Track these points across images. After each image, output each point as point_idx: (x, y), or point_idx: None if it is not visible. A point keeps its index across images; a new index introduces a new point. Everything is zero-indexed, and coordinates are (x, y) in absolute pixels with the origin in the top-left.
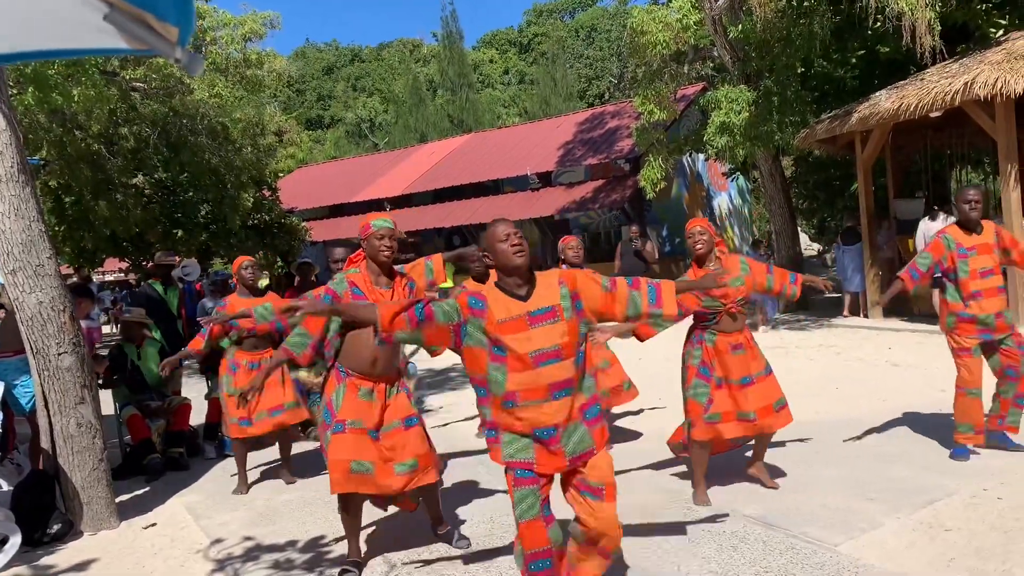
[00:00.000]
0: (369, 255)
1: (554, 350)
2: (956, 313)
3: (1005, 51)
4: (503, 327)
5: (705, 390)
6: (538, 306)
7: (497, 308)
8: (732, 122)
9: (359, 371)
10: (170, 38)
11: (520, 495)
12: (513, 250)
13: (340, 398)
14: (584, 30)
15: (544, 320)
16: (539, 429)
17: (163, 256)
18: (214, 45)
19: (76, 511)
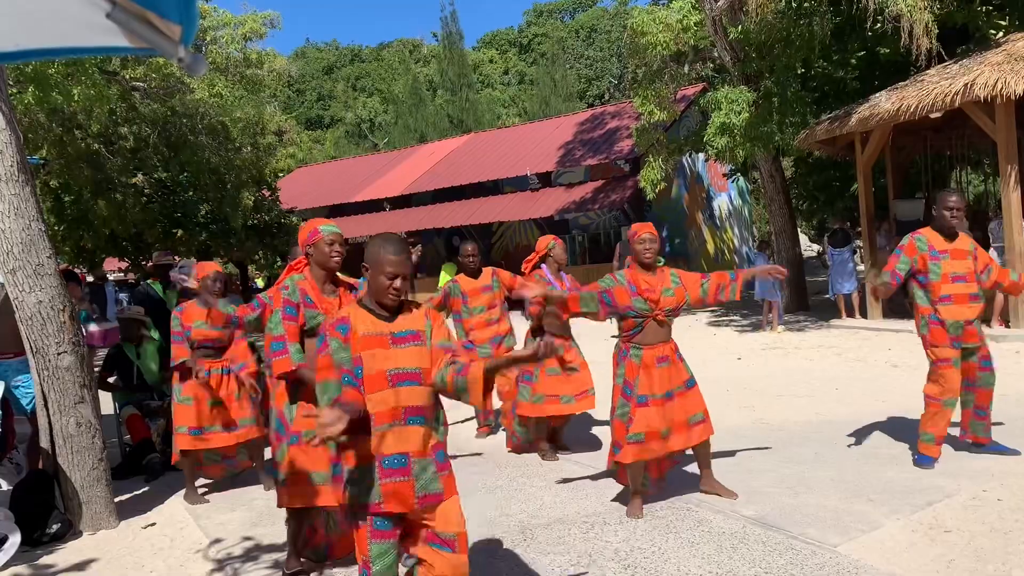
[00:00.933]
0: (318, 261)
1: (413, 372)
2: (925, 316)
3: (1005, 52)
4: (364, 342)
5: (626, 410)
6: (401, 328)
7: (360, 326)
8: (732, 123)
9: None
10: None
11: (379, 550)
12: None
13: (293, 411)
14: (584, 31)
15: (408, 342)
16: (388, 457)
17: (161, 256)
18: (214, 45)
19: (75, 511)
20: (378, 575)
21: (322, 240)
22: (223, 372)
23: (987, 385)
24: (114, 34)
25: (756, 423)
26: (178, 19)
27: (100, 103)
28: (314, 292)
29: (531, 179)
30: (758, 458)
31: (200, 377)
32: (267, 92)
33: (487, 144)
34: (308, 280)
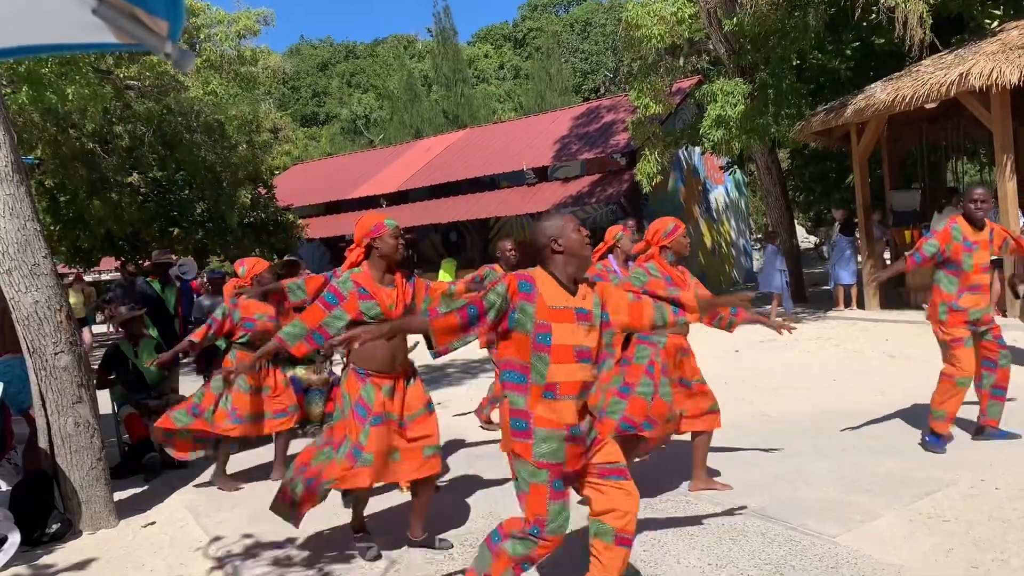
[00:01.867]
0: (384, 254)
1: (587, 350)
2: (947, 303)
3: (1000, 42)
4: (554, 314)
5: (649, 389)
6: (581, 305)
7: (548, 294)
8: (728, 115)
9: (378, 370)
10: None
11: (556, 509)
12: (585, 241)
13: (372, 394)
14: (579, 24)
15: (584, 320)
16: (573, 427)
17: (160, 254)
18: (208, 42)
19: (75, 510)
20: (555, 531)
21: (388, 233)
22: (269, 364)
23: (1007, 364)
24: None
25: (755, 416)
26: (165, 15)
27: (94, 102)
28: (371, 284)
29: (527, 174)
30: (756, 450)
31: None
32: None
33: (483, 139)
34: (365, 273)
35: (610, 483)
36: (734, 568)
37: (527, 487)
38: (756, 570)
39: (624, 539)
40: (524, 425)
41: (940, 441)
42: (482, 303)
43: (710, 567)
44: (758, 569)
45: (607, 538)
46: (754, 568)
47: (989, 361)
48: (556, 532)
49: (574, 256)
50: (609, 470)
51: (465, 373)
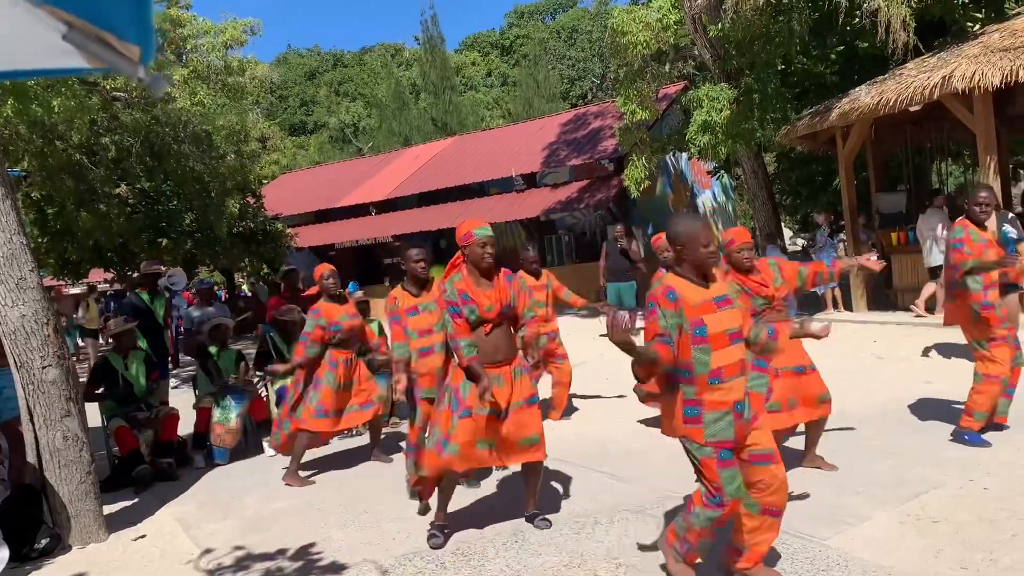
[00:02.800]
0: (472, 261)
1: (737, 331)
2: (979, 302)
3: (982, 44)
4: (699, 309)
5: (764, 380)
6: (717, 293)
7: (689, 295)
8: (714, 120)
9: (483, 361)
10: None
11: (728, 475)
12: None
13: (467, 388)
14: (565, 31)
15: (724, 305)
16: (739, 403)
17: (149, 265)
18: (195, 53)
19: (64, 525)
20: (732, 494)
21: (475, 242)
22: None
23: (1020, 363)
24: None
25: None
26: (136, 39)
27: (81, 114)
28: (471, 289)
29: (516, 180)
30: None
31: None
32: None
33: (471, 146)
34: (464, 279)
35: (764, 468)
36: None
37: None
38: None
39: (770, 510)
40: (696, 412)
41: (979, 438)
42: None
43: (702, 571)
44: None
45: (753, 509)
46: None
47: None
48: (734, 495)
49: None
50: (758, 455)
51: None
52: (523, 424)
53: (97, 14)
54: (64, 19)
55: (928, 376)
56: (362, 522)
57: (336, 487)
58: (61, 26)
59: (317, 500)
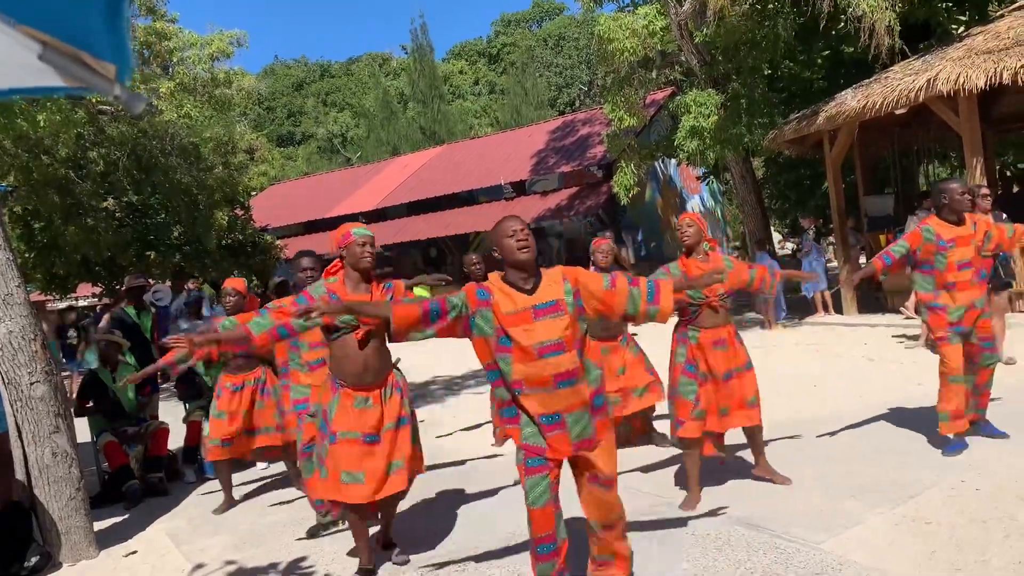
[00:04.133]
0: (350, 263)
1: (557, 343)
2: (926, 303)
3: (966, 47)
4: (509, 319)
5: (692, 387)
6: (542, 299)
7: (503, 301)
8: (701, 126)
9: (352, 382)
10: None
11: (532, 482)
12: (518, 245)
13: (333, 409)
14: (552, 39)
15: (548, 313)
16: (545, 416)
17: (133, 279)
18: (181, 65)
19: (54, 542)
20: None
21: (354, 242)
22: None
23: (989, 365)
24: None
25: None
26: (112, 58)
27: (67, 128)
28: (343, 292)
29: (505, 188)
30: (740, 458)
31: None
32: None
33: (460, 155)
34: (340, 282)
35: (593, 489)
36: None
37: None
38: None
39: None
40: (512, 413)
41: (957, 445)
42: (445, 302)
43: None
44: None
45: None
46: None
47: (973, 362)
48: (534, 504)
49: (508, 262)
50: (596, 479)
51: (447, 391)
52: (393, 448)
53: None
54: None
55: (919, 378)
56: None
57: None
58: (36, 46)
59: (310, 513)
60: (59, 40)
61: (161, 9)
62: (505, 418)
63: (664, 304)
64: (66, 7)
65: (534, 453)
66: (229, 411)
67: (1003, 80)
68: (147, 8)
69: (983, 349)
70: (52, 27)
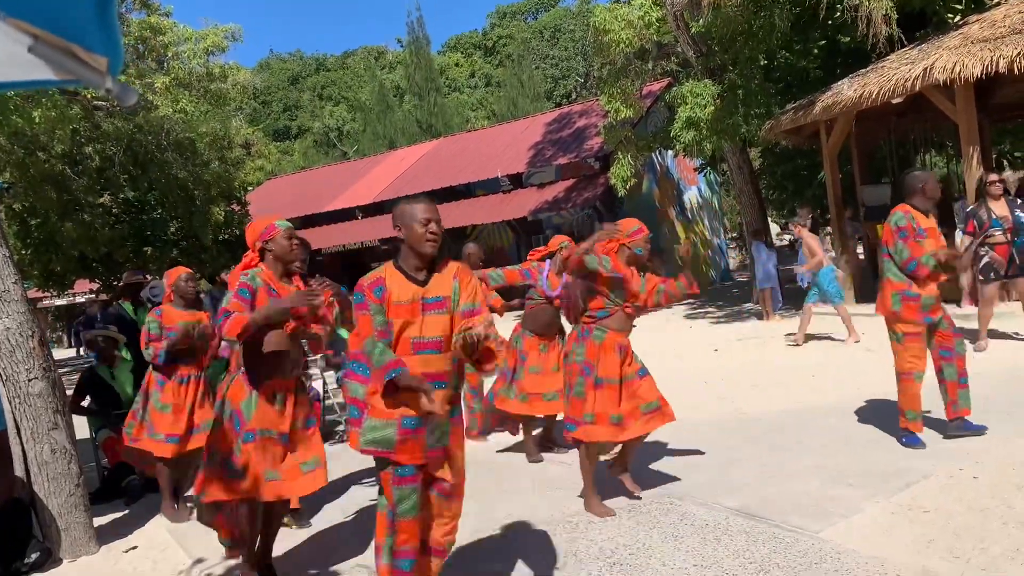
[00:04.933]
0: (278, 255)
1: (436, 340)
2: (902, 292)
3: (962, 35)
4: (398, 310)
5: (583, 389)
6: (433, 294)
7: (396, 289)
8: (698, 116)
9: (272, 375)
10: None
11: (402, 494)
12: (429, 237)
13: (251, 407)
14: (548, 31)
15: (435, 309)
16: (408, 418)
17: (131, 275)
18: (176, 60)
19: (54, 538)
20: (402, 514)
21: (280, 234)
22: (197, 377)
23: (963, 350)
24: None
25: (734, 414)
26: (103, 51)
27: (62, 124)
28: (275, 283)
29: (502, 181)
30: (738, 449)
31: None
32: (232, 105)
33: (457, 148)
34: (266, 272)
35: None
36: (719, 568)
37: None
38: (741, 569)
39: (437, 551)
40: (356, 414)
41: (918, 438)
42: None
43: (695, 568)
44: (743, 568)
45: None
46: (739, 567)
47: (947, 351)
48: (404, 516)
49: (412, 249)
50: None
51: None
52: (303, 448)
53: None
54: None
55: None
56: (354, 525)
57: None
58: (27, 39)
59: (309, 506)
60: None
61: (155, 3)
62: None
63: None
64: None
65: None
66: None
67: (999, 69)
68: (141, 2)
69: (955, 334)
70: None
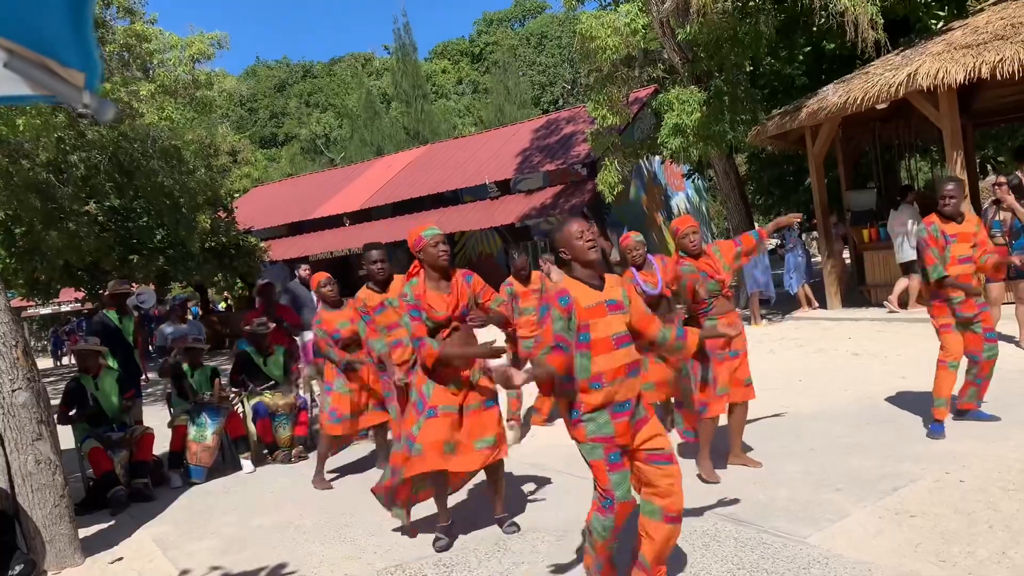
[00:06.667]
0: (428, 264)
1: (626, 335)
2: (931, 294)
3: (945, 42)
4: (589, 312)
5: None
6: (610, 297)
7: (582, 297)
8: (685, 123)
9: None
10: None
11: (618, 478)
12: (588, 246)
13: (431, 388)
14: (535, 37)
15: (616, 310)
16: (617, 404)
17: (118, 285)
18: (162, 67)
19: (39, 550)
20: (621, 497)
21: (428, 244)
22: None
23: (991, 357)
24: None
25: (722, 419)
26: (80, 66)
27: (47, 132)
28: (425, 293)
29: (490, 188)
30: (726, 454)
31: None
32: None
33: (444, 154)
34: (421, 284)
35: (653, 467)
36: (708, 574)
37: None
38: (729, 575)
39: (671, 517)
40: (576, 414)
41: (941, 428)
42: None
43: (684, 574)
44: (731, 574)
45: (655, 516)
46: (727, 573)
47: (972, 354)
48: (624, 498)
49: (579, 261)
50: (654, 455)
51: None
52: (478, 427)
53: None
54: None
55: (902, 371)
56: (342, 536)
57: (315, 502)
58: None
59: (296, 517)
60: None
61: (140, 11)
62: (573, 419)
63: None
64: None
65: (605, 442)
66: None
67: (982, 74)
68: (126, 10)
69: (986, 340)
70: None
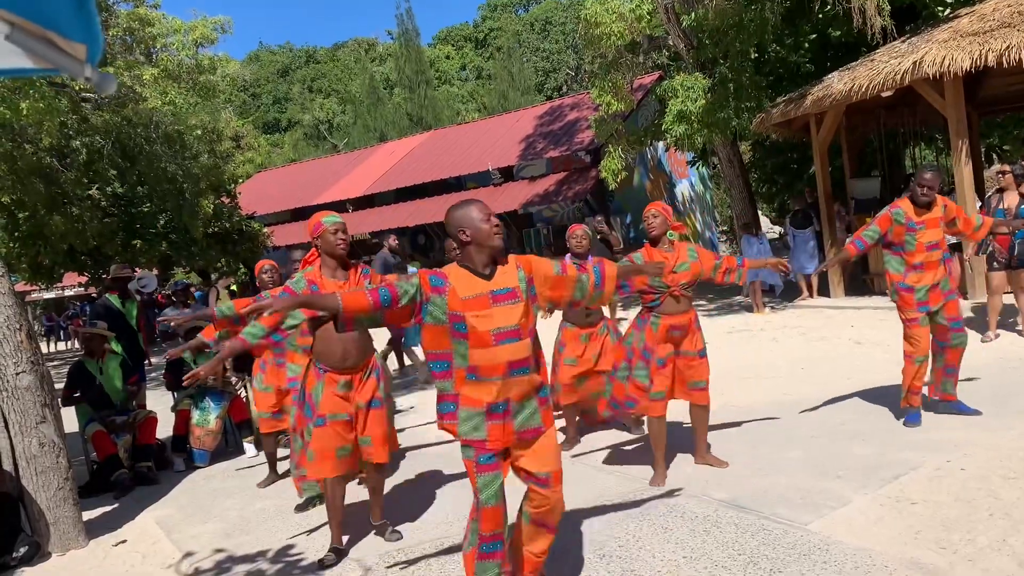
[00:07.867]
0: (326, 251)
1: (514, 329)
2: (896, 283)
3: (952, 29)
4: (465, 304)
5: (646, 371)
6: (500, 286)
7: (460, 286)
8: (689, 110)
9: (333, 366)
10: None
11: (485, 481)
12: (495, 230)
13: (319, 393)
14: (539, 23)
15: (506, 299)
16: (494, 404)
17: (120, 269)
18: (165, 52)
19: (43, 532)
20: (485, 501)
21: (326, 231)
22: None
23: (958, 345)
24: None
25: (724, 407)
26: (82, 38)
27: (50, 116)
28: (322, 280)
29: (493, 174)
30: (727, 441)
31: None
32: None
33: (447, 141)
34: (316, 271)
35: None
36: (708, 560)
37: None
38: (730, 561)
39: (541, 523)
40: (451, 408)
41: (916, 416)
42: (395, 289)
43: (685, 560)
44: (732, 560)
45: (525, 520)
46: (728, 559)
47: (940, 342)
48: (487, 503)
49: (482, 246)
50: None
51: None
52: (367, 426)
53: (40, 14)
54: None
55: None
56: (345, 521)
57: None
58: (3, 27)
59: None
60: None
61: None
62: (444, 413)
63: (608, 287)
64: None
65: (484, 450)
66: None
67: (988, 62)
68: None
69: (951, 329)
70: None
